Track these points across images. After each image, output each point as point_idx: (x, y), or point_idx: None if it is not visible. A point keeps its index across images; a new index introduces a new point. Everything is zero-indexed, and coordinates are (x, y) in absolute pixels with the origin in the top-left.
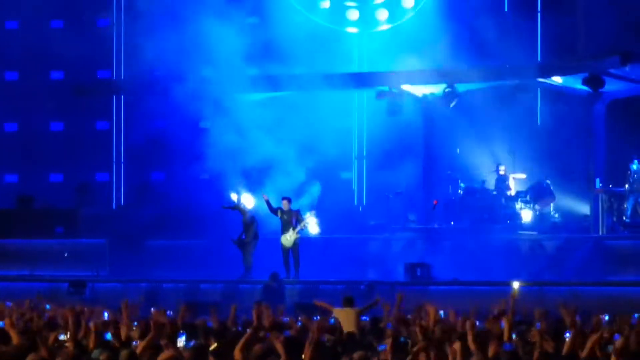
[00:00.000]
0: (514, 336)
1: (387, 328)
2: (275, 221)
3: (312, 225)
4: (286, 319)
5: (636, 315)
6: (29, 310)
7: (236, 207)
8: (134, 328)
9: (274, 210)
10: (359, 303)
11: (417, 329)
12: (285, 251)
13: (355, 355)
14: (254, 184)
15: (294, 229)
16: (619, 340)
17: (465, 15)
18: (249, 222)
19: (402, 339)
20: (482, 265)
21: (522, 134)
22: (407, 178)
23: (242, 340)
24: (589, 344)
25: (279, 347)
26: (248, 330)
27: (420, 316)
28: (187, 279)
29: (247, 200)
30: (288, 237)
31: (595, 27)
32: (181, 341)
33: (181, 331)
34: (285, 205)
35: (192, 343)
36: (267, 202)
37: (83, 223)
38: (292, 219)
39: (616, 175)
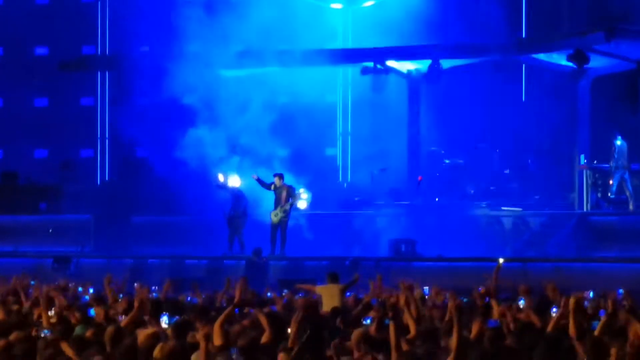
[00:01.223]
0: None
1: (372, 303)
2: (264, 201)
3: (302, 200)
4: (270, 294)
5: (621, 291)
6: (15, 287)
7: (224, 187)
8: (119, 303)
9: (267, 186)
10: (344, 279)
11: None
12: (274, 227)
13: (355, 332)
14: (239, 160)
15: (281, 207)
16: (603, 317)
17: None
18: (236, 200)
19: (386, 321)
20: (466, 241)
21: (507, 110)
22: (392, 154)
23: (222, 316)
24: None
25: (263, 320)
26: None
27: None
28: (171, 254)
29: (234, 180)
30: (276, 214)
31: (579, 3)
32: (164, 321)
33: (164, 312)
34: (277, 181)
35: (175, 319)
36: (258, 180)
37: (67, 199)
38: (283, 195)
39: (601, 151)
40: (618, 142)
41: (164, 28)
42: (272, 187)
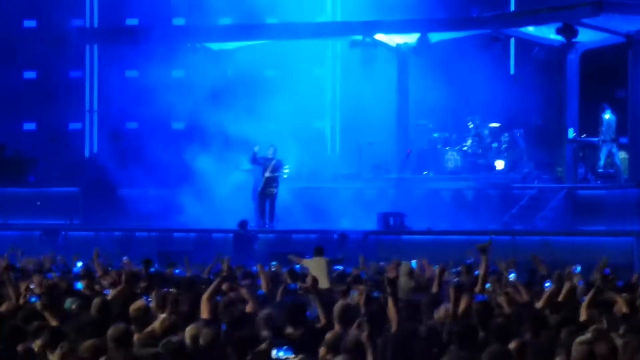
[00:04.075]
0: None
1: (361, 277)
2: None
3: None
4: (255, 269)
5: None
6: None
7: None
8: (106, 276)
9: (256, 161)
10: (332, 252)
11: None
12: (262, 199)
13: (337, 305)
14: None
15: (262, 178)
16: (591, 292)
17: None
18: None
19: (375, 293)
20: (455, 215)
21: (496, 84)
22: (381, 127)
23: (209, 289)
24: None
25: (245, 293)
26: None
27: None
28: (160, 227)
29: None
30: (261, 185)
31: None
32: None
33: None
34: (270, 152)
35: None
36: (254, 160)
37: (56, 171)
38: (268, 166)
39: (589, 125)
40: (607, 116)
41: (153, 1)
42: (262, 160)
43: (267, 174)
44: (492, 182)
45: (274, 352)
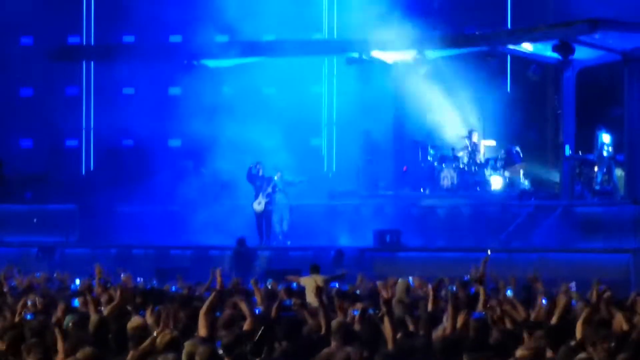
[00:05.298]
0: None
1: (357, 295)
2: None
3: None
4: (250, 286)
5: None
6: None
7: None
8: (105, 293)
9: (250, 178)
10: (329, 270)
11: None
12: (259, 217)
13: (334, 322)
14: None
15: (263, 195)
16: (587, 309)
17: None
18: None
19: (370, 310)
20: (451, 232)
21: (492, 101)
22: (377, 145)
23: (206, 304)
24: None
25: (243, 307)
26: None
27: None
28: (156, 244)
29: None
30: (259, 202)
31: None
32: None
33: (150, 302)
34: (259, 170)
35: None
36: (250, 175)
37: (52, 188)
38: (264, 184)
39: (585, 142)
40: (603, 134)
41: (150, 18)
42: (254, 177)
43: (269, 190)
44: (488, 200)
45: None
